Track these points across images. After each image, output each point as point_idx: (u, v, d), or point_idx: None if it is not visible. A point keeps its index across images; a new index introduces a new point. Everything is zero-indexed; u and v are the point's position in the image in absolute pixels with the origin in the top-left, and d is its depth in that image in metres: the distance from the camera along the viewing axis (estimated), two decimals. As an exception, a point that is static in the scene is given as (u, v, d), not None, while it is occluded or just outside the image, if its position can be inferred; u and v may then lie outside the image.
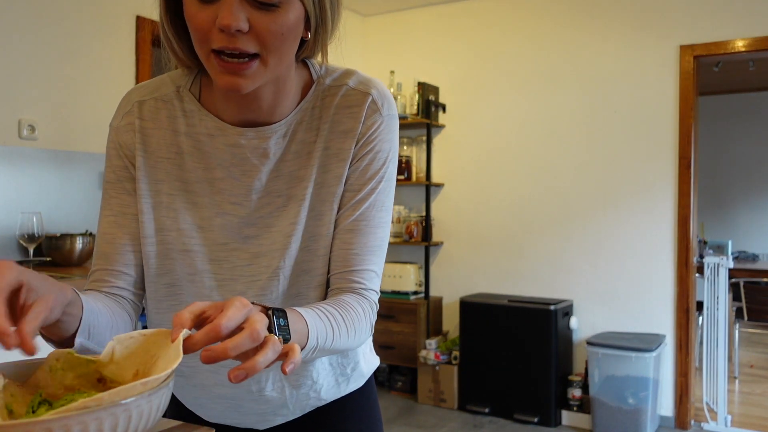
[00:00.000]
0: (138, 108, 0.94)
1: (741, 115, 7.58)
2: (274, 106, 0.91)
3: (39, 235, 2.57)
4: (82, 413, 0.54)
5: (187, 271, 0.94)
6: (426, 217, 4.51)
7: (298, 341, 0.74)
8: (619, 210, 4.05)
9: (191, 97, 0.94)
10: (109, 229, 0.94)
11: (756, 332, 6.38)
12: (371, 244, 0.93)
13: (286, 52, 0.82)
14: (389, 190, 0.96)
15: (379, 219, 0.94)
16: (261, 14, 0.78)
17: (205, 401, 1.01)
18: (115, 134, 0.95)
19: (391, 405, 4.29)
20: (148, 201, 0.93)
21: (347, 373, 1.05)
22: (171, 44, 0.88)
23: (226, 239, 0.93)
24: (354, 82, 0.94)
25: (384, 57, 4.83)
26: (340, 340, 0.83)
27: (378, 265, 0.95)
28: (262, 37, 0.79)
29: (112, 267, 0.93)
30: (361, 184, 0.93)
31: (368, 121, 0.93)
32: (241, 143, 0.91)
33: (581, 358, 4.10)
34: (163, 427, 0.76)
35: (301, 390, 1.00)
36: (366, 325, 0.90)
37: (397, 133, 0.97)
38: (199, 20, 0.79)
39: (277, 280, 0.93)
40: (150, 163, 0.93)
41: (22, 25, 2.92)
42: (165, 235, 0.94)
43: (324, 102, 0.94)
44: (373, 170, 0.94)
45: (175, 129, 0.93)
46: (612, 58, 4.07)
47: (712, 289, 3.86)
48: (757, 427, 3.90)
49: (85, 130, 3.17)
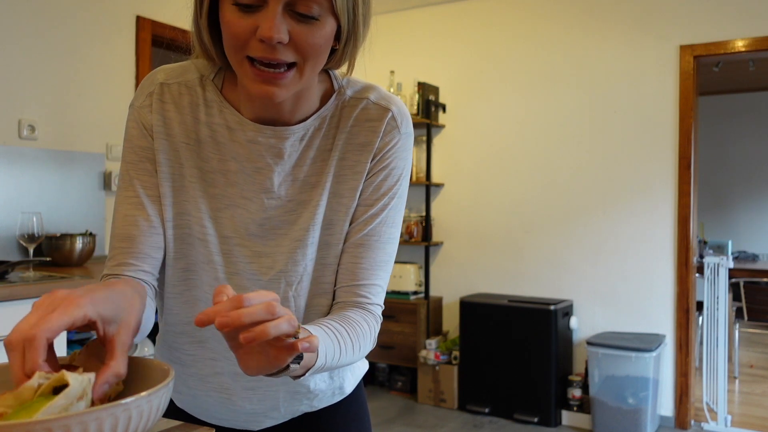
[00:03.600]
0: (160, 89, 0.93)
1: (741, 115, 7.58)
2: (295, 110, 0.91)
3: (39, 235, 2.57)
4: (82, 413, 0.54)
5: (201, 259, 0.94)
6: (426, 217, 4.51)
7: (308, 359, 0.74)
8: (619, 210, 4.05)
9: (214, 87, 0.94)
10: (133, 210, 0.92)
11: (756, 332, 6.38)
12: (380, 259, 0.94)
13: (319, 62, 0.84)
14: (401, 207, 0.97)
15: (389, 235, 0.95)
16: (301, 27, 0.79)
17: (198, 392, 1.01)
18: (138, 114, 0.94)
19: (391, 405, 4.29)
20: (168, 184, 0.93)
21: (344, 386, 1.06)
22: (202, 40, 0.88)
23: (232, 233, 0.93)
24: (375, 97, 0.95)
25: (384, 57, 4.83)
26: (345, 357, 0.84)
27: (384, 280, 0.96)
28: (301, 48, 0.80)
29: (138, 250, 0.91)
30: (374, 200, 0.94)
31: (386, 137, 0.94)
32: (258, 140, 0.91)
33: (581, 358, 4.10)
34: (163, 427, 0.76)
35: (295, 397, 1.01)
36: (369, 340, 0.91)
37: (411, 151, 0.98)
38: (238, 28, 0.79)
39: (281, 283, 0.93)
40: (172, 147, 0.93)
41: (22, 25, 2.92)
42: (184, 219, 0.93)
43: (343, 112, 0.94)
44: (387, 186, 0.94)
45: (196, 117, 0.93)
46: (612, 58, 4.07)
47: (712, 289, 3.86)
48: (757, 427, 3.90)
49: (85, 130, 3.17)
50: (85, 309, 0.64)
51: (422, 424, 3.94)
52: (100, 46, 3.24)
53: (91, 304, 0.65)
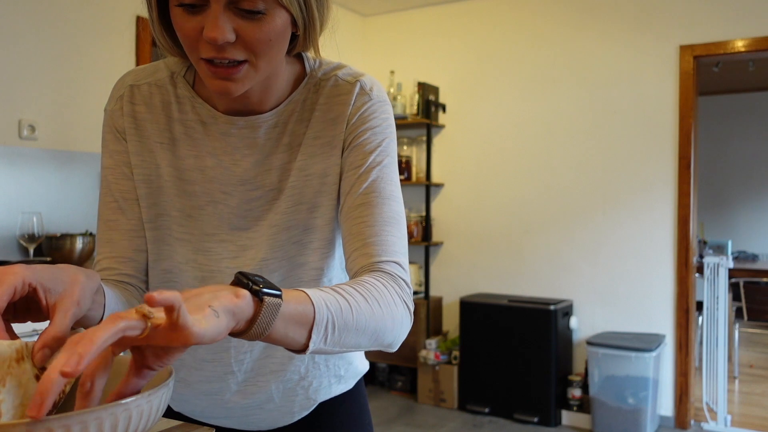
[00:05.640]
0: (130, 92, 0.94)
1: (741, 115, 7.58)
2: (264, 98, 0.90)
3: (39, 235, 2.57)
4: (83, 413, 0.54)
5: (181, 259, 0.93)
6: (426, 217, 4.51)
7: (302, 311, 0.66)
8: (619, 210, 4.06)
9: (185, 83, 0.94)
10: (113, 215, 0.93)
11: (756, 332, 6.38)
12: (386, 215, 0.86)
13: (274, 56, 0.82)
14: (394, 167, 0.91)
15: (390, 191, 0.88)
16: (247, 23, 0.77)
17: (189, 397, 1.00)
18: (111, 119, 0.94)
19: (391, 405, 4.29)
20: (145, 186, 0.93)
21: (340, 374, 1.03)
22: (162, 41, 0.88)
23: (215, 230, 0.93)
24: (344, 74, 0.93)
25: (384, 57, 4.83)
26: (361, 312, 0.72)
27: (397, 237, 0.86)
28: (250, 45, 0.78)
29: (120, 254, 0.92)
30: (362, 159, 0.89)
31: (357, 103, 0.91)
32: (232, 132, 0.91)
33: (581, 358, 4.10)
34: (163, 427, 0.76)
35: (287, 384, 0.98)
36: (394, 299, 0.79)
37: (391, 117, 0.94)
38: (187, 30, 0.78)
39: (264, 273, 0.92)
40: (147, 148, 0.93)
41: (22, 25, 2.92)
42: (163, 221, 0.93)
43: (315, 94, 0.93)
44: (373, 145, 0.90)
45: (169, 115, 0.93)
46: (612, 58, 4.07)
47: (712, 289, 3.86)
48: (757, 427, 3.90)
49: (85, 130, 3.17)
50: (23, 274, 0.64)
51: (422, 424, 3.94)
52: (100, 46, 3.24)
53: (28, 270, 0.65)
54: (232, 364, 0.96)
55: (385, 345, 0.79)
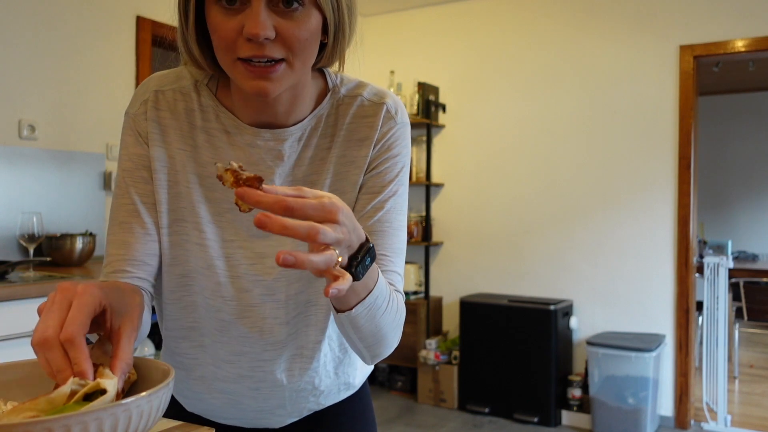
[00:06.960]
0: (155, 97, 0.94)
1: (741, 115, 7.58)
2: (290, 111, 0.92)
3: (39, 235, 2.57)
4: (83, 413, 0.54)
5: (200, 264, 0.94)
6: (426, 217, 4.51)
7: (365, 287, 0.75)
8: (619, 210, 4.05)
9: (209, 92, 0.94)
10: (128, 218, 0.93)
11: (756, 332, 6.38)
12: (396, 246, 0.93)
13: (309, 56, 0.84)
14: (406, 196, 0.97)
15: (399, 222, 0.95)
16: (285, 21, 0.79)
17: (205, 396, 1.01)
18: (133, 122, 0.95)
19: (391, 405, 4.29)
20: (165, 191, 0.93)
21: (349, 382, 1.06)
22: (190, 51, 0.88)
23: (234, 236, 0.94)
24: (369, 94, 0.96)
25: (384, 57, 4.83)
26: (387, 314, 0.82)
27: (401, 268, 0.95)
28: (288, 42, 0.80)
29: (134, 257, 0.92)
30: (381, 187, 0.94)
31: (384, 128, 0.94)
32: (257, 143, 0.92)
33: (581, 358, 4.10)
34: (163, 427, 0.76)
35: (300, 394, 1.00)
36: (402, 317, 0.89)
37: (410, 141, 0.99)
38: (226, 30, 0.79)
39: (283, 282, 0.94)
40: (169, 154, 0.94)
41: (22, 25, 2.92)
42: (181, 226, 0.94)
43: (339, 110, 0.95)
44: (393, 174, 0.95)
45: (192, 122, 0.94)
46: (612, 58, 4.07)
47: (712, 289, 3.86)
48: (757, 427, 3.90)
49: (85, 130, 3.17)
50: (99, 296, 0.67)
51: (422, 424, 3.94)
52: (100, 46, 3.24)
53: (100, 291, 0.67)
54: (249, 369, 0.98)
55: (375, 353, 0.88)
